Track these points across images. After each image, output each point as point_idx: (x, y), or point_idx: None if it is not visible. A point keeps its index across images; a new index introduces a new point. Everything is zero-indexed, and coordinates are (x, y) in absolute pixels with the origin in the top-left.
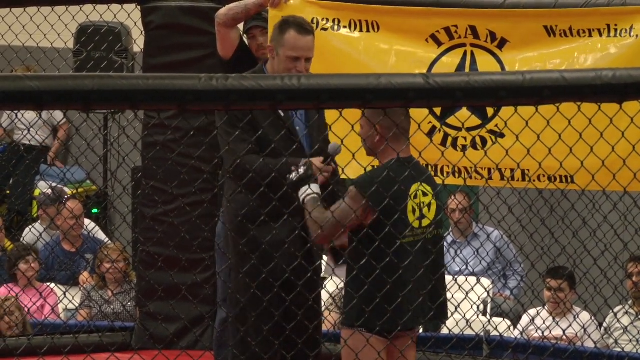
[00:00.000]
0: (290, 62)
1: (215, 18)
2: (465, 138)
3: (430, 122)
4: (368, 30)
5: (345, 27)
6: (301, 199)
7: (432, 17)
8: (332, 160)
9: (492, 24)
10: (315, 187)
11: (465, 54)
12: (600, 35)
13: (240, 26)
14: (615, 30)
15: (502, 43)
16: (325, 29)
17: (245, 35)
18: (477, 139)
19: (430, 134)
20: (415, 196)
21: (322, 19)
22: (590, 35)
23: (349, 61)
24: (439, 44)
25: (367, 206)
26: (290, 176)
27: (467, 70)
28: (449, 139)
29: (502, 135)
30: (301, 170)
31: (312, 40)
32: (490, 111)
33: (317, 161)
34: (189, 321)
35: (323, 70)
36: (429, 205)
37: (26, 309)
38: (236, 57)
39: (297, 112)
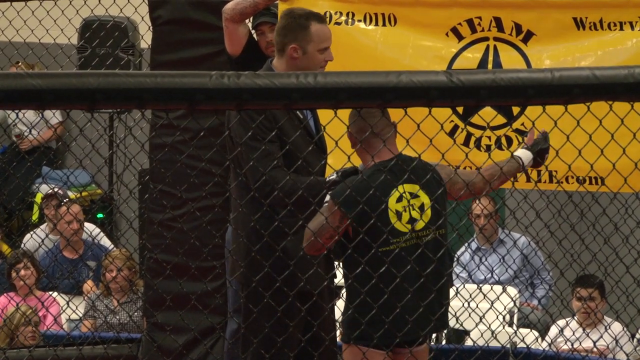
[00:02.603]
0: (321, 54)
1: (222, 13)
2: (489, 137)
3: (452, 121)
4: (384, 24)
5: (359, 20)
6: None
7: (454, 8)
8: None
9: (518, 15)
10: None
11: (487, 48)
12: (632, 28)
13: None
14: None
15: (528, 36)
16: (338, 23)
17: (253, 32)
18: (503, 139)
19: (452, 133)
20: (400, 199)
21: (335, 13)
22: (622, 29)
23: (364, 57)
24: (460, 38)
25: (342, 215)
26: (328, 179)
27: (490, 66)
28: (472, 139)
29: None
30: (335, 175)
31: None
32: (515, 109)
33: None
34: (199, 332)
35: (336, 67)
36: (421, 207)
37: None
38: (245, 54)
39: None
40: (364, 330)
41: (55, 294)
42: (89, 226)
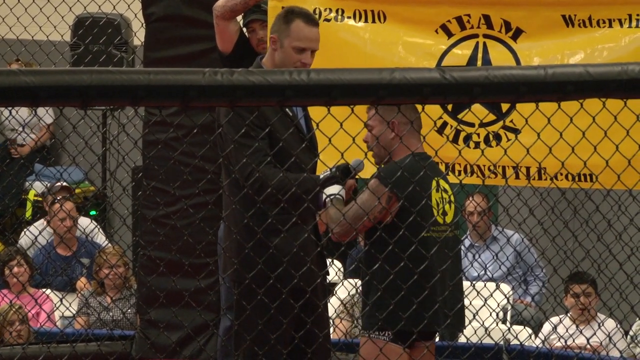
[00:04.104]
0: (296, 53)
1: (213, 10)
2: (478, 134)
3: (440, 118)
4: (374, 21)
5: (349, 17)
6: (324, 197)
7: (443, 5)
8: (354, 175)
9: (507, 12)
10: (338, 189)
11: (477, 45)
12: (621, 25)
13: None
14: (637, 20)
15: (517, 33)
16: (328, 20)
17: (244, 29)
18: (491, 136)
19: (441, 130)
20: (437, 190)
21: (325, 9)
22: (611, 26)
23: (354, 54)
24: (450, 34)
25: (390, 196)
26: (323, 175)
27: (479, 63)
28: (461, 136)
29: (518, 132)
30: (329, 171)
31: (318, 32)
32: (504, 106)
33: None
34: (193, 329)
35: (326, 64)
36: (449, 203)
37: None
38: (236, 51)
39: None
40: (395, 319)
41: (48, 291)
42: (84, 221)
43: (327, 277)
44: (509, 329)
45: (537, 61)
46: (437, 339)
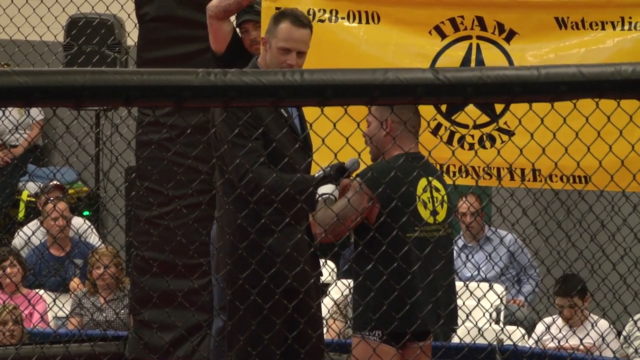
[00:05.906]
0: (281, 54)
1: (206, 10)
2: (472, 136)
3: (435, 119)
4: (367, 22)
5: (343, 18)
6: (317, 196)
7: (437, 7)
8: (349, 175)
9: (500, 14)
10: (331, 189)
11: (470, 46)
12: (614, 28)
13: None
14: (630, 23)
15: (511, 35)
16: (322, 21)
17: (238, 30)
18: (485, 137)
19: (436, 132)
20: (426, 190)
21: (319, 10)
22: (603, 28)
23: (348, 55)
24: (443, 36)
25: (372, 197)
26: (317, 174)
27: (472, 64)
28: (455, 137)
29: (512, 133)
30: (325, 170)
31: (308, 34)
32: (498, 107)
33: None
34: (186, 330)
35: (320, 64)
36: (441, 202)
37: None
38: (230, 51)
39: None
40: (383, 320)
41: (41, 291)
42: (78, 221)
43: (321, 277)
44: (502, 329)
45: (530, 63)
46: (431, 339)
